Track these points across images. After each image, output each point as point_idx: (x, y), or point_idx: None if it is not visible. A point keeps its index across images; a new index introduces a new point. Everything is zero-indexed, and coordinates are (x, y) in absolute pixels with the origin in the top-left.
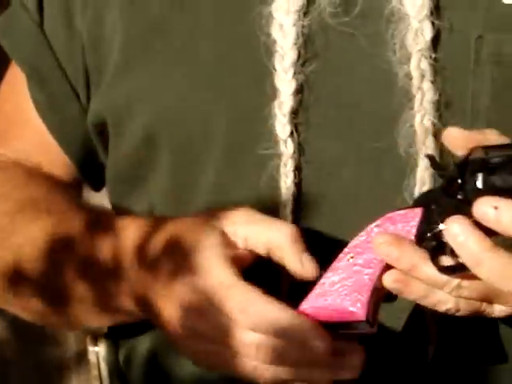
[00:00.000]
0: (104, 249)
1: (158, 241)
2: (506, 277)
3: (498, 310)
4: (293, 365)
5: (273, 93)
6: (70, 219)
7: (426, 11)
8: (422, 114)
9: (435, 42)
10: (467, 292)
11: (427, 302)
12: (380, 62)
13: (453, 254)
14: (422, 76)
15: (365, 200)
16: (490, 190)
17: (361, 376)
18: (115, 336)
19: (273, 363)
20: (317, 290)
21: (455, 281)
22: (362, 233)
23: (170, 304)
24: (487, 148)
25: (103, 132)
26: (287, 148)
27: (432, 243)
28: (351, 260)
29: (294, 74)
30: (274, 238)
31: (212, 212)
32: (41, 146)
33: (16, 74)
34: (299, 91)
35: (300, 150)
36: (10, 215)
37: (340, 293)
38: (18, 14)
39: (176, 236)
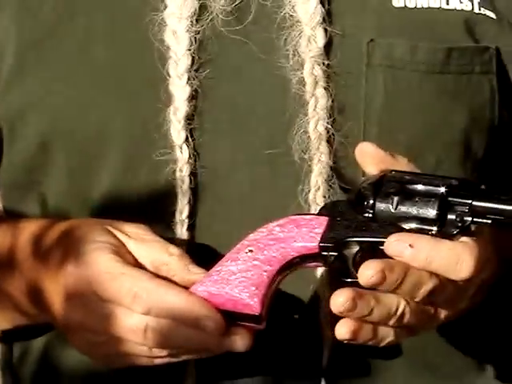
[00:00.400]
0: (4, 245)
1: (52, 233)
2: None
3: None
4: (183, 345)
5: (167, 99)
6: None
7: (318, 18)
8: (315, 120)
9: (328, 48)
10: (407, 318)
11: (374, 342)
12: (273, 69)
13: (354, 266)
14: (316, 82)
15: (260, 204)
16: (402, 216)
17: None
18: (10, 338)
19: (163, 346)
20: (213, 276)
21: (399, 310)
22: (263, 229)
23: (58, 296)
24: (399, 173)
25: None
26: (182, 153)
27: (334, 254)
28: (250, 253)
29: (188, 79)
30: (160, 257)
31: (108, 219)
32: None
33: None
34: (194, 97)
35: (195, 155)
36: None
37: (239, 284)
38: None
39: (68, 229)
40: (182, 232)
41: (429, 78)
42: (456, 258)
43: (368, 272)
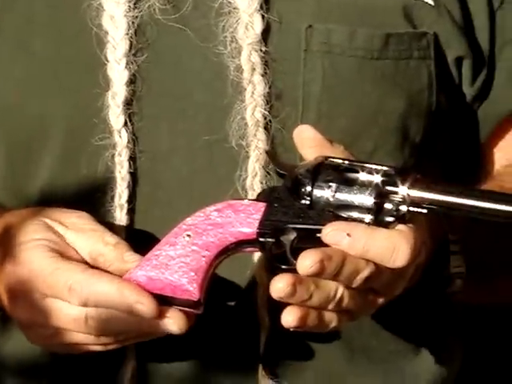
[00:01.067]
0: None
1: None
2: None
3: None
4: (122, 330)
5: (106, 84)
6: None
7: (255, 5)
8: (252, 107)
9: (266, 34)
10: (345, 302)
11: (320, 328)
12: (211, 55)
13: (292, 253)
14: (253, 69)
15: (199, 189)
16: (340, 204)
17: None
18: None
19: (106, 333)
20: (152, 260)
21: (338, 295)
22: (200, 213)
23: (4, 295)
24: (337, 160)
25: None
26: (121, 138)
27: (271, 240)
28: (188, 238)
29: (127, 64)
30: (96, 248)
31: (48, 209)
32: None
33: None
34: (132, 82)
35: (134, 139)
36: None
37: (178, 269)
38: None
39: (7, 228)
40: (121, 216)
41: (367, 64)
42: (392, 247)
43: (307, 262)
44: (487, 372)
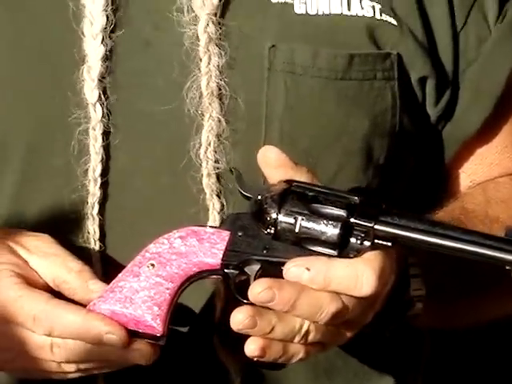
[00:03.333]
0: None
1: None
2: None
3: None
4: (91, 357)
5: (81, 58)
6: None
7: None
8: (208, 77)
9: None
10: (312, 336)
11: (285, 359)
12: (173, 27)
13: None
14: (210, 40)
15: (160, 158)
16: (305, 237)
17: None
18: None
19: (70, 361)
20: (116, 293)
21: (303, 328)
22: (164, 240)
23: None
24: (303, 186)
25: None
26: (96, 112)
27: (235, 271)
28: (152, 269)
29: (103, 40)
30: (60, 275)
31: (10, 231)
32: None
33: None
34: (107, 57)
35: (108, 114)
36: None
37: (141, 304)
38: None
39: None
40: (94, 190)
41: (330, 84)
42: (355, 275)
43: (257, 288)
44: None
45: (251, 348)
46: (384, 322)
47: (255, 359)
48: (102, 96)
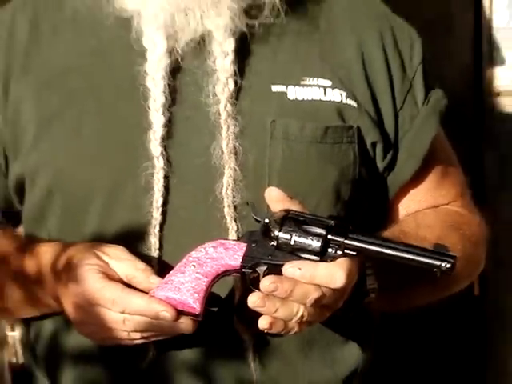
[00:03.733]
0: (30, 264)
1: (61, 260)
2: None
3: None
4: (151, 328)
5: (148, 125)
6: (3, 245)
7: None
8: (227, 141)
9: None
10: (304, 317)
11: (284, 332)
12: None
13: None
14: (228, 115)
15: (197, 194)
16: (297, 248)
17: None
18: (28, 321)
19: (137, 331)
20: (168, 284)
21: (299, 312)
22: (201, 248)
23: (67, 302)
24: (297, 212)
25: (20, 189)
26: (159, 162)
27: (252, 272)
28: (193, 267)
29: (163, 112)
30: (130, 272)
31: (97, 244)
32: None
33: None
34: (166, 125)
35: (167, 164)
36: None
37: (186, 292)
38: None
39: (70, 257)
40: (157, 215)
41: (313, 147)
42: (331, 273)
43: (266, 282)
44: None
45: (262, 323)
46: (349, 306)
47: (265, 331)
48: (164, 151)
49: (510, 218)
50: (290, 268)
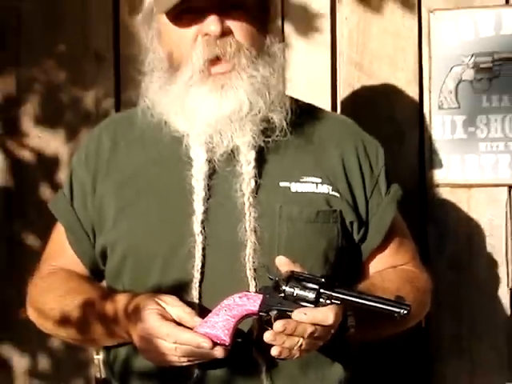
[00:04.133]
0: (109, 308)
1: (131, 305)
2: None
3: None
4: (195, 354)
5: (192, 211)
6: (92, 294)
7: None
8: (249, 222)
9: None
10: (303, 346)
11: (289, 357)
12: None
13: (275, 321)
14: (250, 205)
15: (226, 261)
16: (298, 298)
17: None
18: (108, 347)
19: (184, 356)
20: (207, 323)
21: (300, 343)
22: (231, 298)
23: (135, 335)
24: (298, 273)
25: (104, 255)
26: (199, 237)
27: (266, 315)
28: (224, 311)
29: (203, 203)
30: (181, 314)
31: (156, 294)
32: (73, 261)
33: (60, 227)
34: (205, 211)
35: (205, 238)
36: (62, 295)
37: (219, 329)
38: (60, 196)
39: (138, 303)
40: (197, 274)
41: (309, 225)
42: (324, 315)
43: (277, 325)
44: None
45: (274, 351)
46: (336, 338)
47: (275, 357)
48: (203, 230)
49: (445, 274)
50: (299, 314)
